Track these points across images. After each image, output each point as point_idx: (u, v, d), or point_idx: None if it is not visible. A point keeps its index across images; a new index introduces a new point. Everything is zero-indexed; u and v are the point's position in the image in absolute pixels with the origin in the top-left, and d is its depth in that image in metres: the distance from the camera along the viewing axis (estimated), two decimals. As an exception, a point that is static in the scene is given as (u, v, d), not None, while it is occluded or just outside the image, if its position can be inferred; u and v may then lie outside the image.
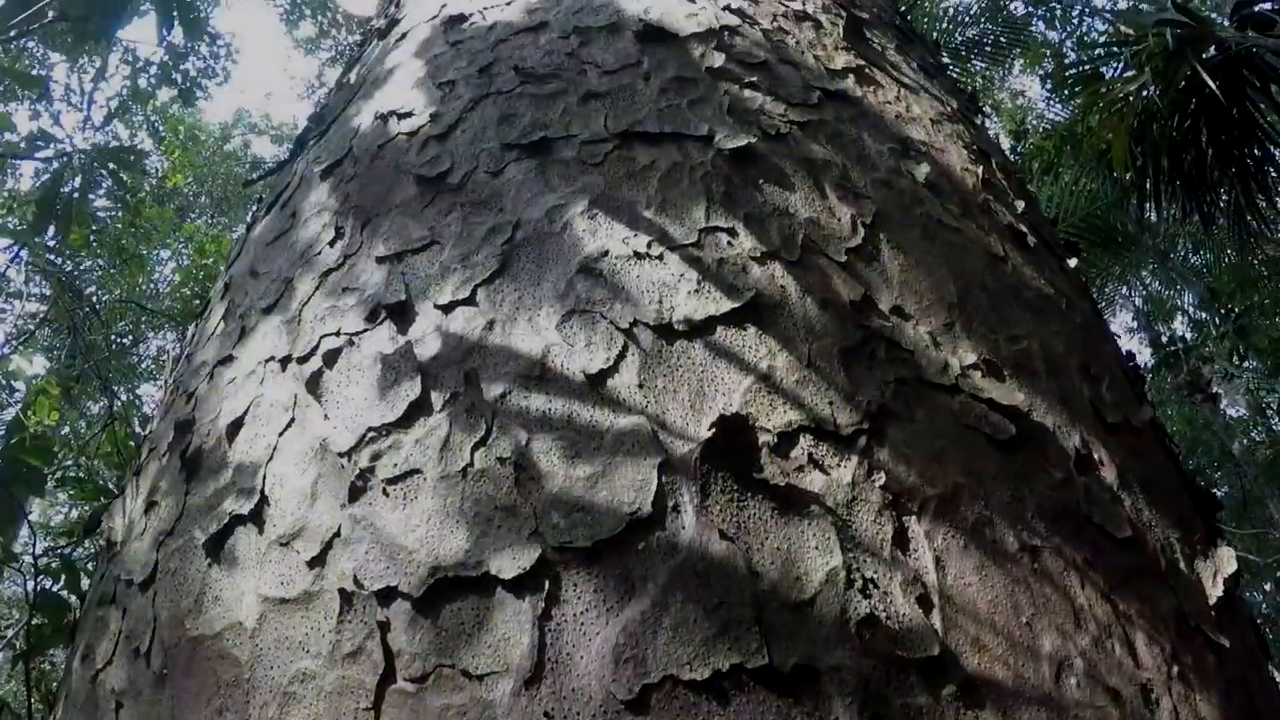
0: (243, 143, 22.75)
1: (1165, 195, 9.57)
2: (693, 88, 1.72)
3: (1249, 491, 18.99)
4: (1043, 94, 17.70)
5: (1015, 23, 10.26)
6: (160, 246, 16.72)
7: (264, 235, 2.10)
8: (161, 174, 15.65)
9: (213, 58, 12.14)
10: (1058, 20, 15.76)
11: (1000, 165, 2.14)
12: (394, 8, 2.95)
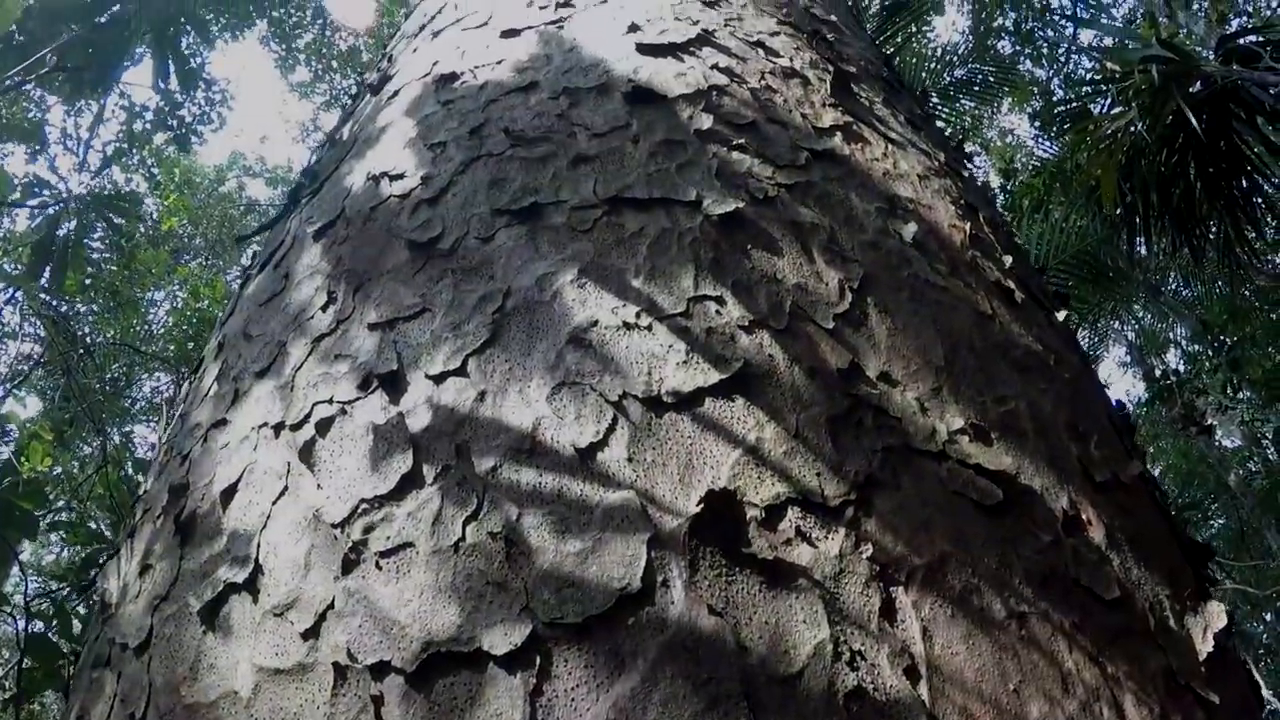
0: (238, 185, 22.85)
1: (1155, 230, 9.63)
2: (681, 151, 1.74)
3: (1246, 522, 18.99)
4: (1031, 132, 17.84)
5: (1003, 62, 10.36)
6: (154, 288, 16.74)
7: (257, 295, 2.12)
8: (156, 217, 15.69)
9: (208, 104, 12.22)
10: (1045, 58, 15.90)
11: (988, 219, 2.16)
12: (387, 63, 2.98)
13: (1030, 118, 17.47)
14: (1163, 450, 22.34)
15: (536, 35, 2.28)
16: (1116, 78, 9.57)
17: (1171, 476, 21.23)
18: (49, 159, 14.74)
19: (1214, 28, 18.09)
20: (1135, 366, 20.20)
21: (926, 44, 11.22)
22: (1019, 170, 11.95)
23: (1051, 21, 16.57)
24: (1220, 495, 19.70)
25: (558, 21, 2.32)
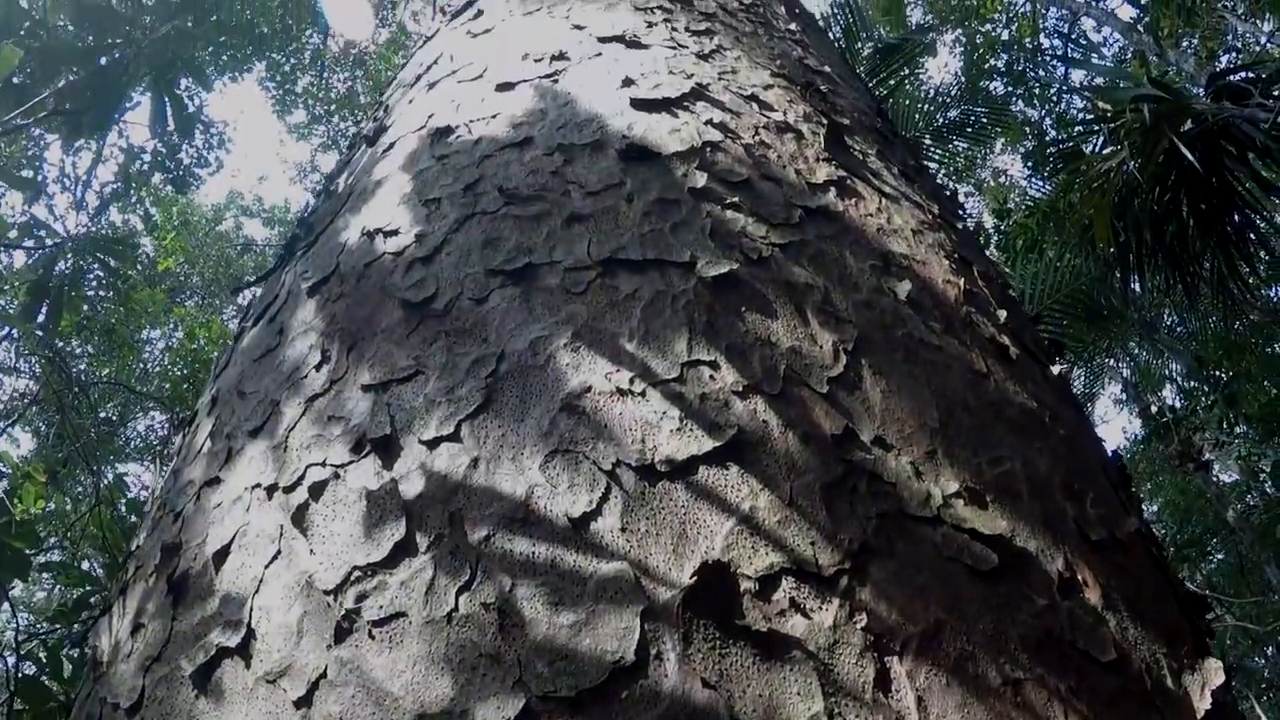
0: (235, 224, 22.93)
1: (1148, 267, 9.65)
2: (675, 210, 1.74)
3: (1246, 557, 18.98)
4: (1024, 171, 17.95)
5: (995, 102, 10.42)
6: (150, 326, 16.75)
7: (251, 350, 2.12)
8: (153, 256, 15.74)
9: (206, 147, 12.28)
10: (1037, 99, 16.02)
11: (982, 273, 2.16)
12: (383, 113, 2.99)
13: (1023, 158, 17.59)
14: (1160, 487, 22.33)
15: (531, 89, 2.30)
16: (1108, 117, 9.63)
17: (1170, 512, 21.23)
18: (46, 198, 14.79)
19: (1204, 64, 18.25)
20: (1131, 404, 20.22)
21: (919, 86, 11.29)
22: (1013, 210, 12.01)
23: (1043, 62, 16.72)
24: (1219, 530, 19.69)
25: (553, 75, 2.33)
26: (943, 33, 18.25)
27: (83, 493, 14.10)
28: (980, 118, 9.59)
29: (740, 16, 2.90)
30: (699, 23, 2.69)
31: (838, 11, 9.14)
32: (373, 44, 19.93)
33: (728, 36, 2.65)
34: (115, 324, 14.43)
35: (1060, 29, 18.88)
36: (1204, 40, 18.44)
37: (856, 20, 9.01)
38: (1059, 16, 19.65)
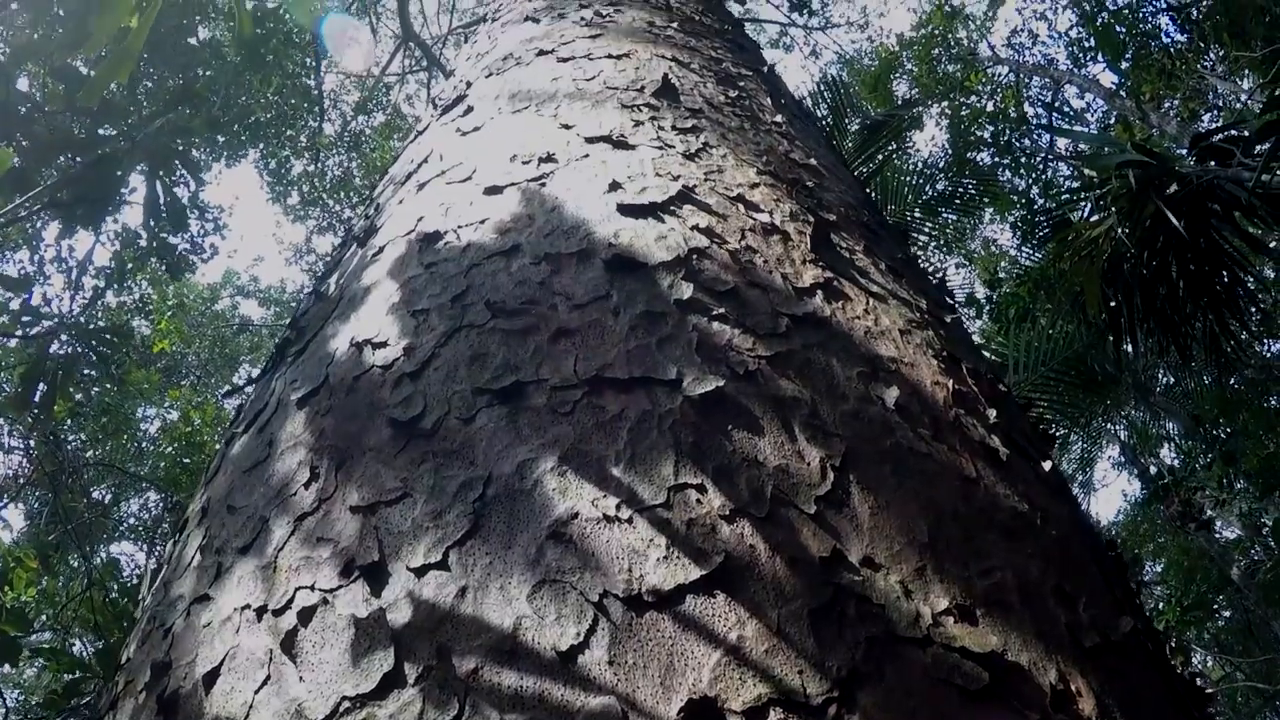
0: (231, 303, 23.05)
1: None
2: (661, 324, 1.75)
3: (1253, 614, 18.88)
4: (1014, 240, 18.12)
5: (983, 173, 10.52)
6: (145, 404, 16.74)
7: (241, 460, 2.12)
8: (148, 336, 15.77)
9: (201, 234, 12.37)
10: (1023, 168, 16.20)
11: (971, 370, 2.17)
12: (374, 211, 3.02)
13: (1012, 227, 17.76)
14: (1163, 548, 22.24)
15: (519, 193, 2.32)
16: (1095, 184, 9.71)
17: (1174, 572, 21.13)
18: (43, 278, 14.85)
19: (1186, 125, 18.48)
20: (1130, 466, 20.17)
21: (907, 159, 11.43)
22: (1004, 279, 12.09)
23: (1028, 131, 16.93)
24: (1224, 588, 19.60)
25: (540, 178, 2.36)
26: (928, 106, 18.53)
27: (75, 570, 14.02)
28: (968, 189, 9.69)
29: (726, 111, 2.93)
30: (685, 120, 2.72)
31: (825, 89, 9.27)
32: (368, 115, 20.19)
33: (714, 133, 2.68)
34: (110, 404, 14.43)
35: (1043, 98, 19.18)
36: (1185, 101, 18.70)
37: (843, 98, 9.13)
38: (1042, 85, 19.96)
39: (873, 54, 23.42)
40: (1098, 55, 17.81)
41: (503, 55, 3.64)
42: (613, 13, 3.87)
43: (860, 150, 8.86)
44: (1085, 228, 9.47)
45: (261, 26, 10.47)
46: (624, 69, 3.08)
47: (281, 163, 16.98)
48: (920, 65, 19.39)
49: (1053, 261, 9.19)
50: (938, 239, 10.35)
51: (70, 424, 14.77)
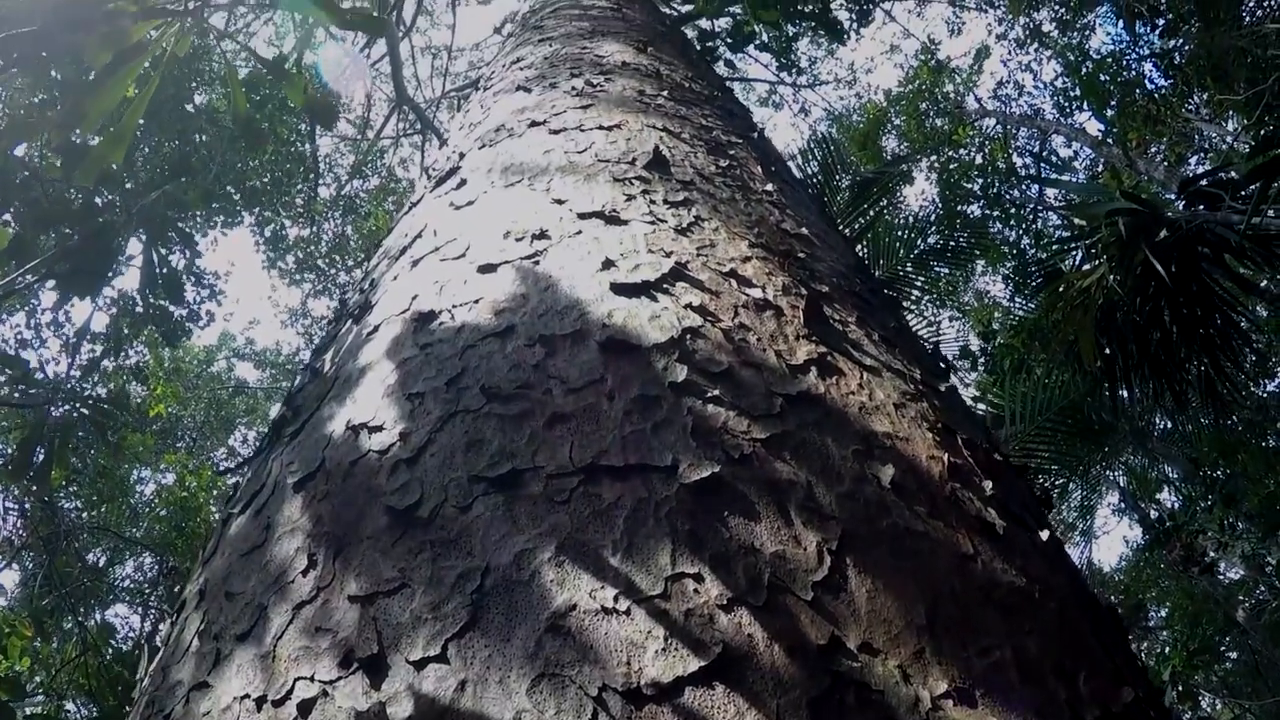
0: (227, 366, 23.09)
1: (1136, 378, 9.69)
2: (656, 408, 1.76)
3: (1259, 655, 18.80)
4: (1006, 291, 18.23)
5: (973, 225, 10.60)
6: (141, 467, 16.69)
7: (239, 542, 2.11)
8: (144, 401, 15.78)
9: (197, 301, 12.42)
10: (1013, 219, 16.32)
11: (966, 440, 2.17)
12: (369, 286, 3.03)
13: (1004, 279, 17.87)
14: (1167, 593, 22.16)
15: (513, 271, 2.34)
16: (1085, 232, 9.77)
17: (1179, 616, 21.03)
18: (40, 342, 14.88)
19: (1174, 169, 18.65)
20: (1130, 512, 20.13)
21: (898, 214, 11.54)
22: (998, 331, 12.15)
23: (1017, 182, 17.07)
24: (1230, 630, 19.51)
25: (534, 256, 2.37)
26: (918, 160, 18.73)
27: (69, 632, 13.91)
28: (959, 241, 9.77)
29: (717, 182, 2.96)
30: (677, 192, 2.75)
31: (815, 147, 9.37)
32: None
33: (705, 205, 2.71)
34: (106, 467, 14.38)
35: (1031, 148, 19.37)
36: (1172, 146, 18.89)
37: (833, 155, 9.23)
38: (1029, 135, 20.17)
39: (861, 110, 23.74)
40: (1083, 104, 18.01)
41: (495, 126, 3.68)
42: (603, 81, 3.91)
43: (851, 207, 8.94)
44: (1077, 277, 9.52)
45: (256, 92, 10.58)
46: (615, 140, 3.12)
47: (277, 231, 17.10)
48: (908, 121, 19.63)
49: (1046, 312, 9.24)
50: (930, 292, 10.42)
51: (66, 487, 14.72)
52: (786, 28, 10.73)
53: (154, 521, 16.33)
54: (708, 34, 10.60)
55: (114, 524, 16.13)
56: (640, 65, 4.31)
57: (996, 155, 18.51)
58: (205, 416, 19.89)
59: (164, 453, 17.64)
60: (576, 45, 4.81)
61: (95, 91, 2.77)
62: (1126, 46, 18.25)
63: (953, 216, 10.71)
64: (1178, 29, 16.47)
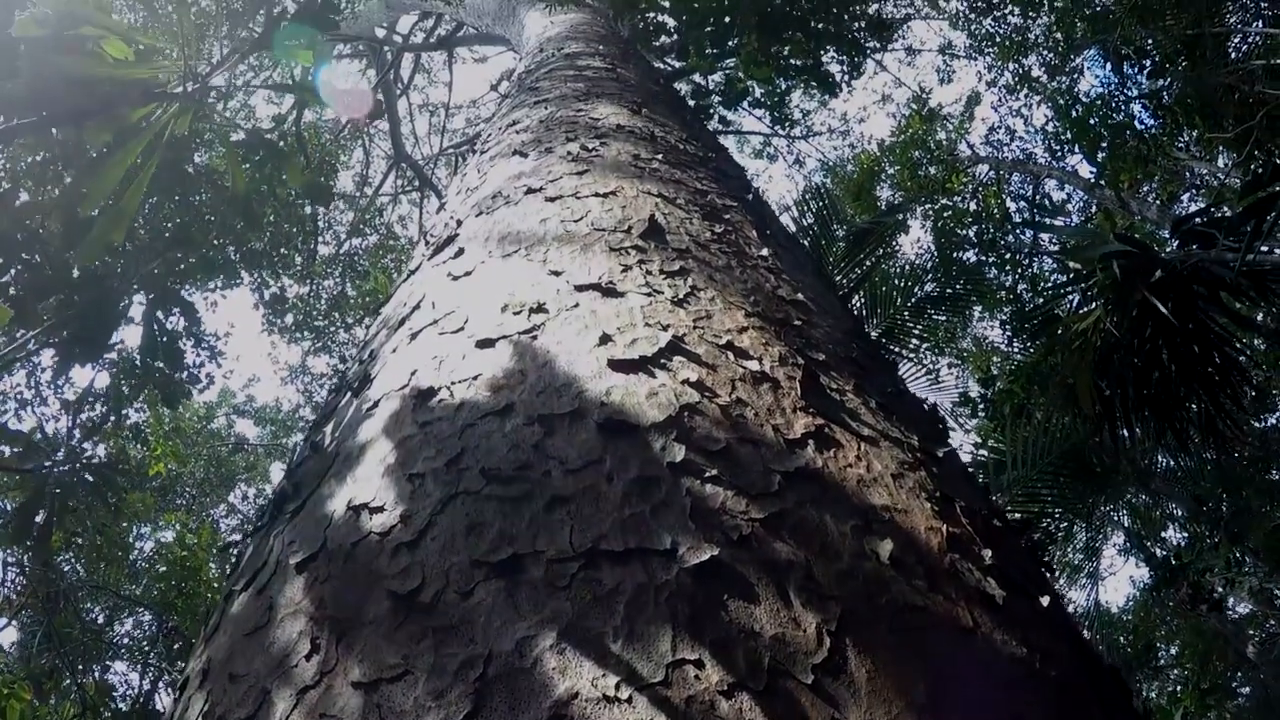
0: (227, 422, 23.12)
1: (1136, 419, 9.69)
2: (655, 489, 1.77)
3: (1270, 690, 18.71)
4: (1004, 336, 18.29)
5: (969, 271, 10.66)
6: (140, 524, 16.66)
7: (241, 621, 2.12)
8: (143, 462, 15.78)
9: (197, 365, 12.46)
10: (1009, 264, 16.41)
11: (965, 508, 2.18)
12: (368, 357, 3.05)
13: (1001, 324, 17.95)
14: (1176, 631, 22.04)
15: (511, 347, 2.36)
16: (1081, 276, 9.81)
17: (1188, 654, 20.91)
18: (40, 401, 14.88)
19: (1166, 208, 18.77)
20: (1136, 552, 20.06)
21: (894, 262, 11.60)
22: (997, 376, 12.19)
23: (1011, 228, 17.18)
24: (1241, 665, 19.41)
25: (531, 331, 2.40)
26: (912, 210, 18.87)
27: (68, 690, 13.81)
28: (956, 288, 9.82)
29: (713, 249, 2.99)
30: (672, 262, 2.77)
31: (810, 199, 9.46)
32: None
33: (701, 274, 2.73)
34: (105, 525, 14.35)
35: (1024, 192, 19.51)
36: (1164, 185, 19.02)
37: (828, 207, 9.31)
38: (1022, 180, 20.31)
39: (854, 160, 23.96)
40: (1074, 147, 18.17)
41: (492, 193, 3.72)
42: (598, 146, 3.96)
43: (848, 258, 9.00)
44: (1074, 321, 9.55)
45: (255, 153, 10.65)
46: (611, 208, 3.15)
47: (276, 295, 17.19)
48: (902, 170, 19.80)
49: (1043, 356, 9.28)
50: (929, 340, 10.47)
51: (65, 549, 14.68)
52: (779, 82, 10.87)
53: (154, 579, 16.27)
54: (702, 91, 10.72)
55: (113, 581, 16.08)
56: (635, 128, 4.36)
57: (990, 201, 18.65)
58: (205, 473, 19.89)
59: (164, 511, 17.62)
60: (571, 108, 4.87)
61: (96, 172, 2.81)
62: (1115, 88, 18.44)
63: (948, 264, 10.78)
64: (1165, 69, 16.65)
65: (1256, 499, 16.22)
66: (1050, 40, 19.07)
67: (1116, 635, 20.88)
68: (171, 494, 19.56)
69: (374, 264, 19.89)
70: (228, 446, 21.33)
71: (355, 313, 19.48)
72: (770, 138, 25.66)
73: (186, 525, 17.16)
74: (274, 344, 40.54)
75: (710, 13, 8.90)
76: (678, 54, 10.04)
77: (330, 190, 11.13)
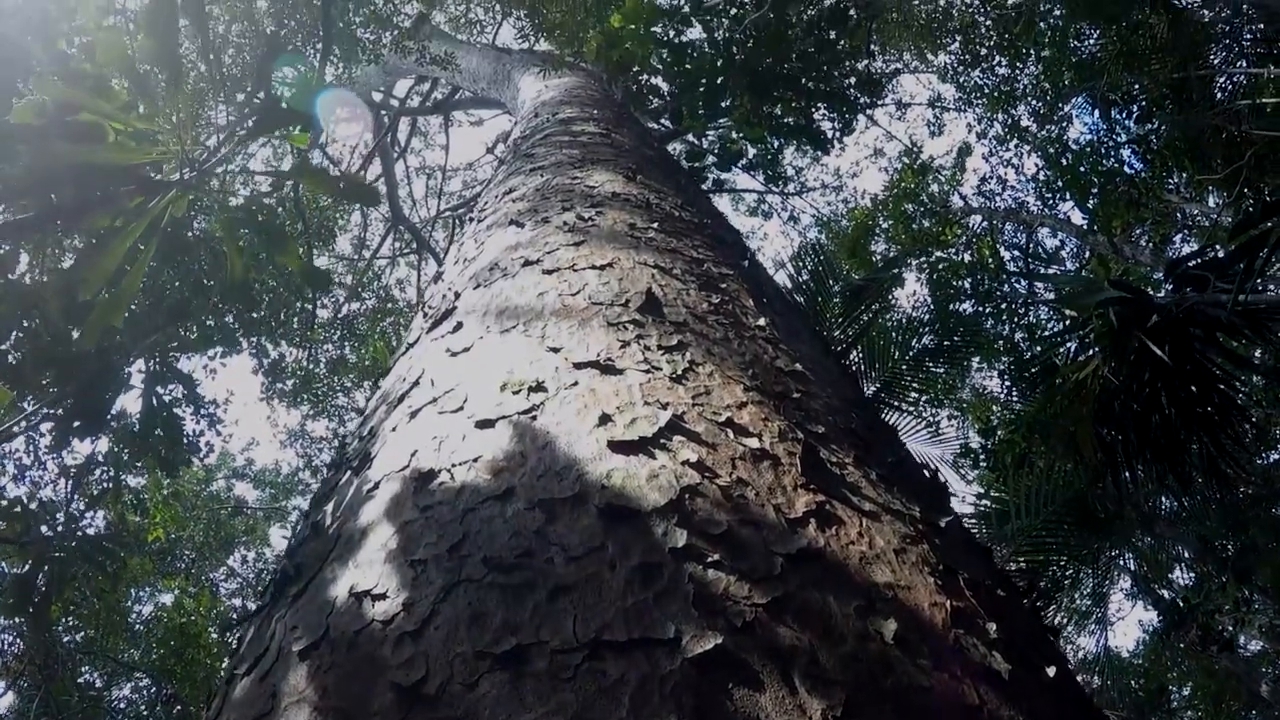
0: (226, 485, 23.09)
1: (1138, 463, 9.67)
2: (658, 576, 1.77)
3: (1285, 728, 18.59)
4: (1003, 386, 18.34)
5: (966, 323, 10.70)
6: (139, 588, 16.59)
7: (244, 709, 2.10)
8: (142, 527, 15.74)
9: (197, 434, 12.45)
10: (1005, 314, 16.48)
11: (970, 581, 2.18)
12: (367, 434, 3.06)
13: (1000, 375, 17.99)
14: (1188, 673, 21.90)
15: (510, 428, 2.36)
16: (1077, 323, 9.84)
17: (1201, 696, 20.74)
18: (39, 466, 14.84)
19: (1160, 249, 18.86)
20: (1144, 596, 19.96)
21: (892, 315, 11.65)
22: (998, 426, 12.20)
23: (1007, 278, 17.28)
24: (1255, 704, 19.28)
25: (531, 411, 2.40)
26: (908, 264, 18.99)
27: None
28: (954, 340, 9.86)
29: (710, 320, 3.01)
30: (670, 336, 2.79)
31: (806, 255, 9.52)
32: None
33: (699, 349, 2.75)
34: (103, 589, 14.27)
35: (1018, 241, 19.64)
36: (1156, 227, 19.14)
37: (824, 265, 9.36)
38: (1015, 229, 20.45)
39: (848, 215, 24.17)
40: (1066, 195, 18.32)
41: (489, 265, 3.75)
42: (594, 215, 3.99)
43: (845, 314, 9.05)
44: (1072, 369, 9.57)
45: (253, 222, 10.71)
46: (608, 280, 3.17)
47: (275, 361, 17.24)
48: (895, 224, 19.94)
49: (1043, 406, 9.29)
50: (928, 392, 10.48)
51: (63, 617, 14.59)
52: (772, 141, 10.98)
53: (151, 643, 16.17)
54: (696, 152, 10.82)
55: (112, 645, 15.96)
56: (630, 195, 4.40)
57: (984, 252, 18.75)
58: (204, 537, 19.81)
59: (164, 576, 17.53)
60: (567, 175, 4.91)
61: (95, 257, 2.83)
62: (1103, 135, 18.62)
63: (945, 316, 10.82)
64: (1153, 114, 16.82)
65: (1262, 536, 16.18)
66: (1038, 89, 19.28)
67: (1128, 679, 20.71)
68: (170, 557, 19.46)
69: (373, 328, 19.97)
70: (227, 509, 21.27)
71: (354, 376, 19.54)
72: (765, 194, 25.93)
73: (186, 590, 17.07)
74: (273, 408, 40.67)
75: (702, 75, 9.01)
76: (671, 116, 10.15)
77: (328, 276, 11.21)
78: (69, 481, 11.87)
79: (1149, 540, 18.91)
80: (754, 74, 8.90)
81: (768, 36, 8.85)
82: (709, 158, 10.41)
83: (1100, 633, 20.61)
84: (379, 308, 20.79)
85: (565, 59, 10.55)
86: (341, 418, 20.74)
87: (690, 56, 9.08)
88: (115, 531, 7.27)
